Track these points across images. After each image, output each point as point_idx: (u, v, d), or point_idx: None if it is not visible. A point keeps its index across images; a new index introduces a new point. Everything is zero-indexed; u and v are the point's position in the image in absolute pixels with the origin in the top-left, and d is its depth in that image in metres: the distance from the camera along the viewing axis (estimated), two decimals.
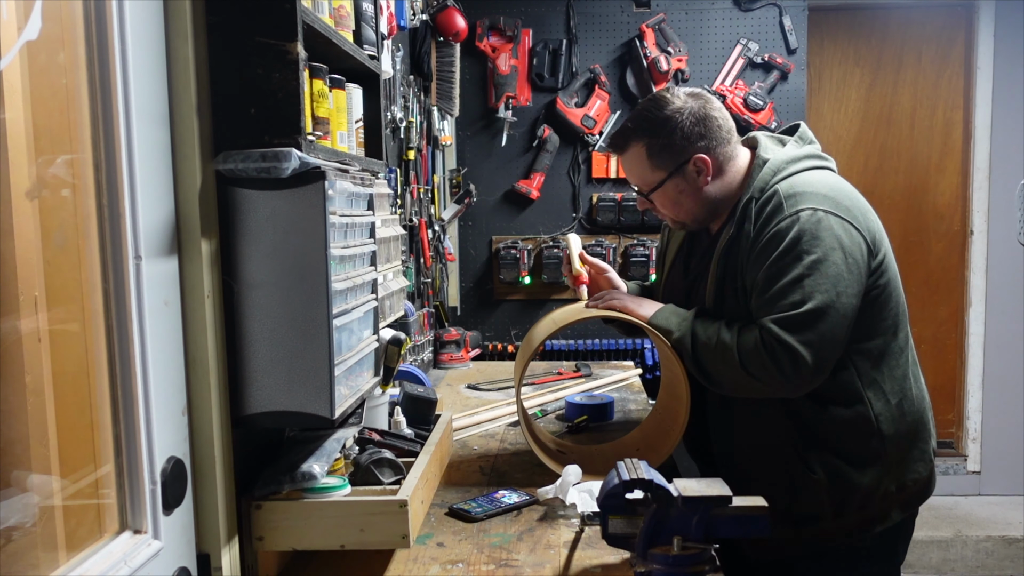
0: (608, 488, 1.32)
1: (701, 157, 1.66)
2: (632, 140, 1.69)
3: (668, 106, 1.67)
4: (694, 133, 1.65)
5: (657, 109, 1.67)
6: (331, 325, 1.25)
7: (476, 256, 3.70)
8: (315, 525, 1.33)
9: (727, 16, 3.59)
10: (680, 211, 1.72)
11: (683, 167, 1.66)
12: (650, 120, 1.67)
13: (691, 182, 1.68)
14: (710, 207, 1.71)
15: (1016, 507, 4.02)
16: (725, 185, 1.69)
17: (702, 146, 1.66)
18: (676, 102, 1.67)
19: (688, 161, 1.66)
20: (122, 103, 1.06)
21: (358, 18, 1.60)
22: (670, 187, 1.69)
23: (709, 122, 1.66)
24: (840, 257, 1.52)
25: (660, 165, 1.68)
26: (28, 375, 0.96)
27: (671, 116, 1.65)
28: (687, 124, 1.65)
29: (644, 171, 1.70)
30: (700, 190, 1.68)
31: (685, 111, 1.65)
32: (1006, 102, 4.00)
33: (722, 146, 1.68)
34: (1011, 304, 4.07)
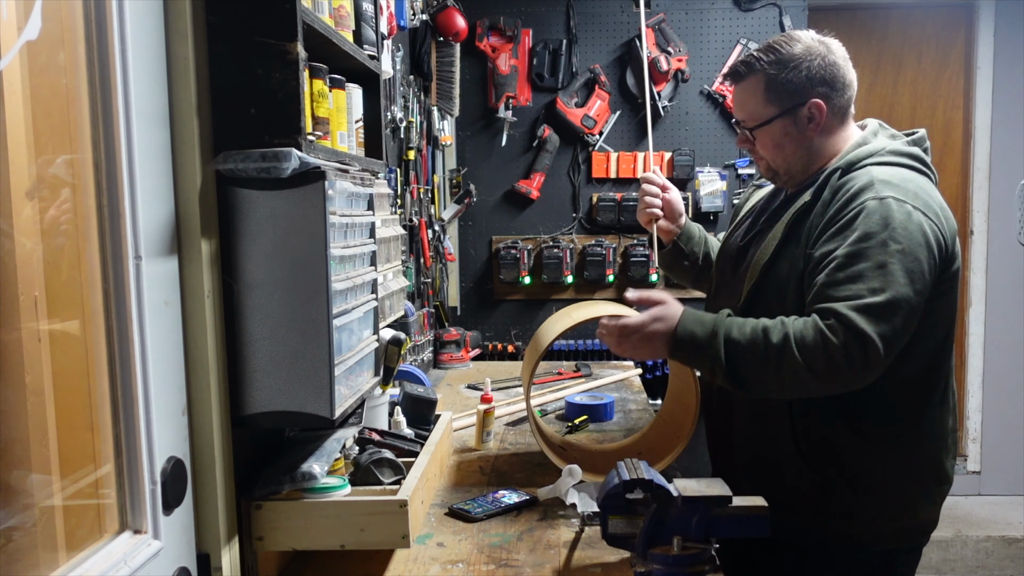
0: (608, 488, 1.32)
1: (817, 103, 1.61)
2: (754, 70, 1.64)
3: (798, 44, 1.63)
4: (818, 78, 1.61)
5: (787, 44, 1.63)
6: (331, 325, 1.25)
7: (476, 256, 3.70)
8: (315, 525, 1.33)
9: (727, 16, 3.59)
10: (779, 156, 1.66)
11: (797, 109, 1.62)
12: (777, 53, 1.63)
13: (800, 127, 1.63)
14: (808, 160, 1.65)
15: (1016, 507, 4.02)
16: (829, 144, 1.65)
17: (822, 92, 1.62)
18: (807, 42, 1.64)
19: (804, 104, 1.62)
20: (122, 103, 1.06)
21: (358, 18, 1.60)
22: (778, 127, 1.64)
23: (836, 71, 1.63)
24: (925, 255, 1.46)
25: (775, 100, 1.63)
26: (28, 375, 0.96)
27: (799, 55, 1.61)
28: (815, 66, 1.61)
29: (757, 104, 1.65)
30: (806, 138, 1.64)
31: (816, 54, 1.62)
32: (1006, 102, 4.00)
33: (840, 100, 1.64)
34: (1011, 304, 4.07)
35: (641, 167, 3.62)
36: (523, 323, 3.70)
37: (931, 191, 1.57)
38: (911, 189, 1.52)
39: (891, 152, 1.60)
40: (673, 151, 3.58)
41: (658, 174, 1.95)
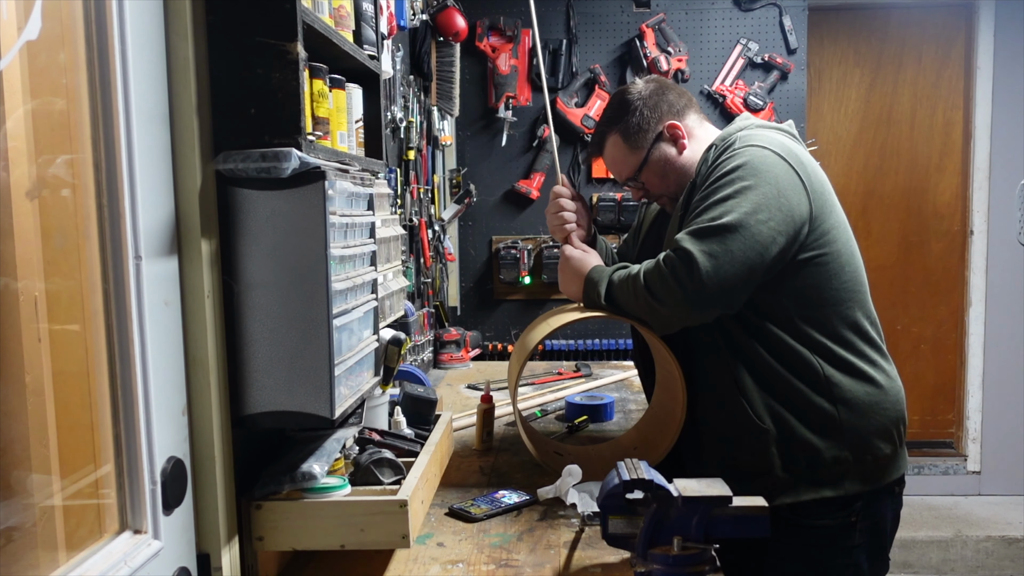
0: (608, 488, 1.32)
1: (671, 123, 1.76)
2: (606, 135, 1.81)
3: (626, 93, 1.80)
4: (656, 106, 1.77)
5: (616, 100, 1.81)
6: (331, 325, 1.25)
7: (476, 256, 3.71)
8: (315, 525, 1.33)
9: (727, 16, 3.59)
10: (669, 184, 1.79)
11: (659, 139, 1.77)
12: (614, 109, 1.80)
13: (670, 150, 1.77)
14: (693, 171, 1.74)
15: (1016, 507, 4.02)
16: (700, 148, 1.76)
17: (666, 111, 1.77)
18: (631, 89, 1.81)
19: (661, 132, 1.76)
20: (122, 103, 1.06)
21: (358, 18, 1.60)
22: (653, 162, 1.77)
23: (667, 93, 1.79)
24: (773, 191, 1.54)
25: (638, 145, 1.78)
26: (28, 375, 0.96)
27: (630, 99, 1.78)
28: (648, 100, 1.77)
29: (627, 156, 1.80)
30: (681, 157, 1.77)
31: (643, 91, 1.79)
32: (1006, 102, 4.00)
33: (687, 112, 1.80)
34: (1011, 304, 4.07)
35: None
36: (523, 323, 3.69)
37: (802, 151, 1.67)
38: (776, 139, 1.63)
39: (758, 125, 1.72)
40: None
41: (567, 184, 1.97)
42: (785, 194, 1.55)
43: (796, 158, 1.61)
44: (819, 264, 1.61)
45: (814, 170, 1.65)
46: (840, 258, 1.64)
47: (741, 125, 1.73)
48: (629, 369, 3.10)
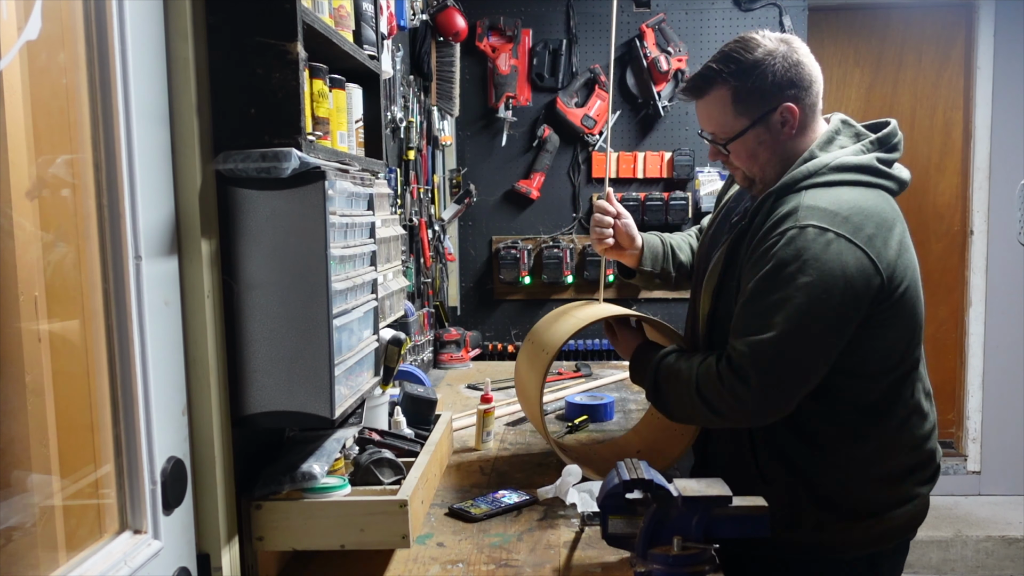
0: (608, 488, 1.32)
1: (789, 106, 1.52)
2: (716, 83, 1.54)
3: (759, 48, 1.52)
4: (785, 79, 1.51)
5: (746, 51, 1.52)
6: (331, 325, 1.25)
7: (476, 256, 3.70)
8: (315, 525, 1.33)
9: (727, 16, 3.59)
10: (755, 165, 1.58)
11: (769, 116, 1.53)
12: (738, 62, 1.52)
13: (774, 133, 1.54)
14: (784, 164, 1.56)
15: (1016, 507, 4.02)
16: (802, 145, 1.57)
17: (791, 95, 1.52)
18: (768, 44, 1.52)
19: (775, 109, 1.52)
20: (122, 103, 1.06)
21: (358, 18, 1.60)
22: (751, 137, 1.54)
23: (801, 70, 1.53)
24: (841, 286, 1.40)
25: (745, 112, 1.53)
26: (28, 375, 0.96)
27: (762, 59, 1.51)
28: (779, 69, 1.51)
29: (726, 117, 1.55)
30: (781, 143, 1.55)
31: (777, 55, 1.51)
32: (1006, 102, 4.00)
33: (810, 98, 1.55)
34: (1011, 304, 4.07)
35: (641, 167, 3.62)
36: (523, 323, 3.69)
37: (871, 210, 1.47)
38: (842, 214, 1.44)
39: (832, 169, 1.51)
40: (673, 151, 3.58)
41: (612, 200, 1.91)
42: (846, 277, 1.40)
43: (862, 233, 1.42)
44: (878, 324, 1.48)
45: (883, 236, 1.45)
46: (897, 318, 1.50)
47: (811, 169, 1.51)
48: None
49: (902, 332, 1.52)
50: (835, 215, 1.44)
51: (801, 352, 1.43)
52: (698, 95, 1.59)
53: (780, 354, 1.42)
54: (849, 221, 1.43)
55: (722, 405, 1.48)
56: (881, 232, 1.45)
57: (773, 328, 1.41)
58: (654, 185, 3.64)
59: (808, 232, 1.42)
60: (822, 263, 1.40)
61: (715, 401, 1.49)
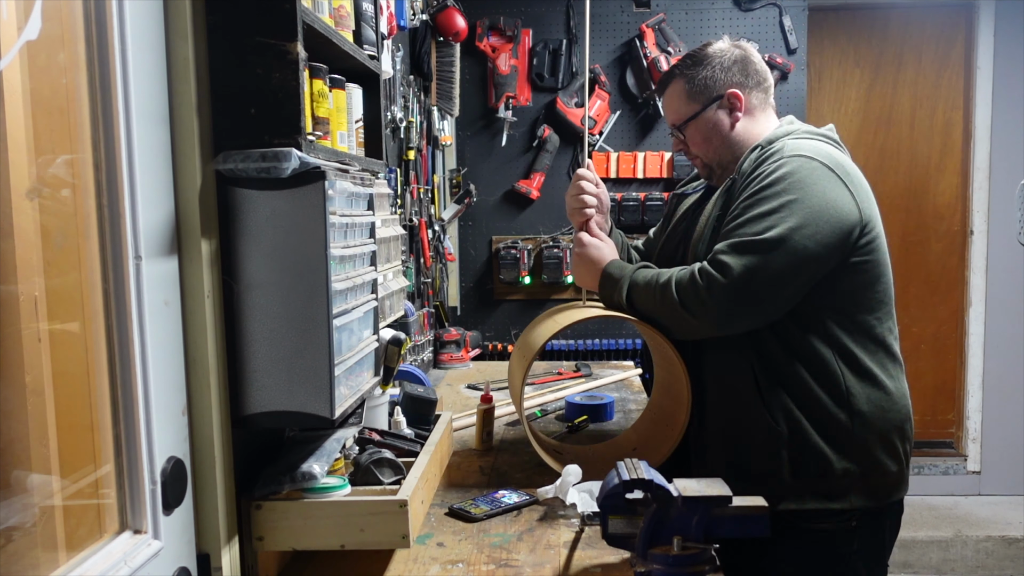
0: (608, 488, 1.32)
1: (734, 92, 1.75)
2: (674, 77, 1.80)
3: (711, 47, 1.79)
4: (731, 70, 1.76)
5: (700, 49, 1.80)
6: (331, 325, 1.25)
7: (476, 256, 3.71)
8: (315, 525, 1.33)
9: (727, 16, 3.59)
10: (709, 149, 1.78)
11: (717, 100, 1.76)
12: (692, 57, 1.79)
13: (723, 117, 1.76)
14: (736, 150, 1.75)
15: (1016, 507, 4.02)
16: (753, 133, 1.76)
17: (737, 81, 1.76)
18: (720, 44, 1.80)
19: (723, 96, 1.75)
20: (122, 103, 1.06)
21: (358, 18, 1.60)
22: (703, 120, 1.77)
23: (747, 64, 1.77)
24: (819, 203, 1.53)
25: (696, 98, 1.77)
26: (28, 375, 0.96)
27: (711, 54, 1.77)
28: (726, 61, 1.76)
29: (681, 104, 1.79)
30: (729, 127, 1.76)
31: (726, 52, 1.77)
32: (1006, 102, 4.00)
33: (757, 90, 1.78)
34: (1011, 304, 4.07)
35: (641, 167, 3.62)
36: (523, 323, 3.69)
37: (846, 160, 1.65)
38: (825, 150, 1.62)
39: (806, 132, 1.72)
40: (673, 151, 3.58)
41: (592, 169, 1.93)
42: (833, 204, 1.54)
43: (842, 168, 1.60)
44: (862, 271, 1.61)
45: (859, 179, 1.63)
46: (879, 267, 1.64)
47: (788, 130, 1.72)
48: (629, 369, 3.10)
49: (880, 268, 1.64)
50: (820, 150, 1.62)
51: (782, 260, 1.52)
52: (662, 89, 1.85)
53: (762, 256, 1.52)
54: (831, 157, 1.61)
55: (691, 300, 1.58)
56: (856, 178, 1.63)
57: (759, 234, 1.53)
58: (654, 185, 3.64)
59: (797, 159, 1.59)
60: (809, 185, 1.55)
61: (686, 296, 1.59)
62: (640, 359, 3.46)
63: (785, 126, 1.75)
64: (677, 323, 1.64)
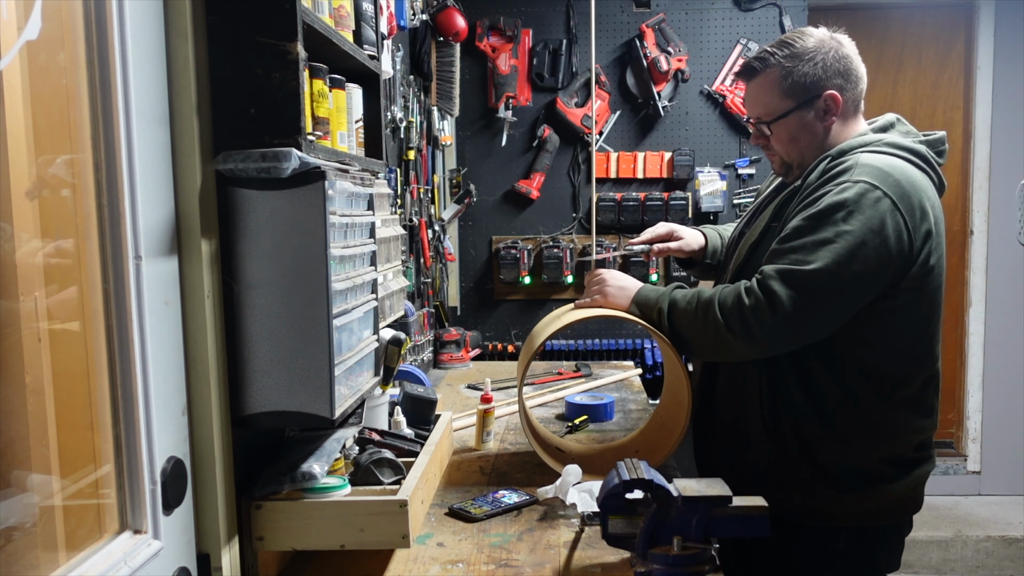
0: (608, 488, 1.32)
1: (833, 94, 1.63)
2: (769, 65, 1.65)
3: (811, 38, 1.65)
4: (832, 70, 1.63)
5: (801, 38, 1.66)
6: (331, 325, 1.25)
7: (476, 256, 3.70)
8: (315, 525, 1.33)
9: (727, 16, 3.59)
10: (794, 149, 1.68)
11: (814, 100, 1.64)
12: (792, 47, 1.64)
13: (817, 118, 1.65)
14: (822, 152, 1.66)
15: (1016, 507, 4.02)
16: (843, 137, 1.66)
17: (837, 83, 1.64)
18: (821, 35, 1.66)
19: (820, 96, 1.63)
20: (122, 103, 1.06)
21: (358, 18, 1.60)
22: (794, 119, 1.65)
23: (848, 63, 1.65)
24: (877, 243, 1.48)
25: (791, 94, 1.64)
26: (28, 375, 0.96)
27: (814, 48, 1.64)
28: (829, 58, 1.63)
29: (772, 98, 1.66)
30: (822, 131, 1.66)
31: (829, 47, 1.64)
32: (1006, 102, 4.00)
33: (853, 93, 1.66)
34: (1011, 304, 4.07)
35: (641, 167, 3.62)
36: (523, 323, 3.70)
37: (917, 184, 1.56)
38: (894, 178, 1.53)
39: (887, 144, 1.61)
40: (673, 151, 3.58)
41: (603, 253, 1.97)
42: (888, 244, 1.49)
43: (907, 201, 1.51)
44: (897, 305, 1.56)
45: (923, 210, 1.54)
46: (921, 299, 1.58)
47: (869, 140, 1.62)
48: (629, 369, 3.10)
49: (922, 311, 1.59)
50: (888, 176, 1.53)
51: (829, 291, 1.49)
52: (751, 76, 1.69)
53: (810, 287, 1.48)
54: (900, 186, 1.52)
55: (736, 322, 1.52)
56: (920, 208, 1.54)
57: (809, 264, 1.48)
58: (654, 185, 3.64)
59: (860, 186, 1.51)
60: (867, 217, 1.49)
61: (731, 318, 1.53)
62: None
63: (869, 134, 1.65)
64: (716, 342, 1.58)
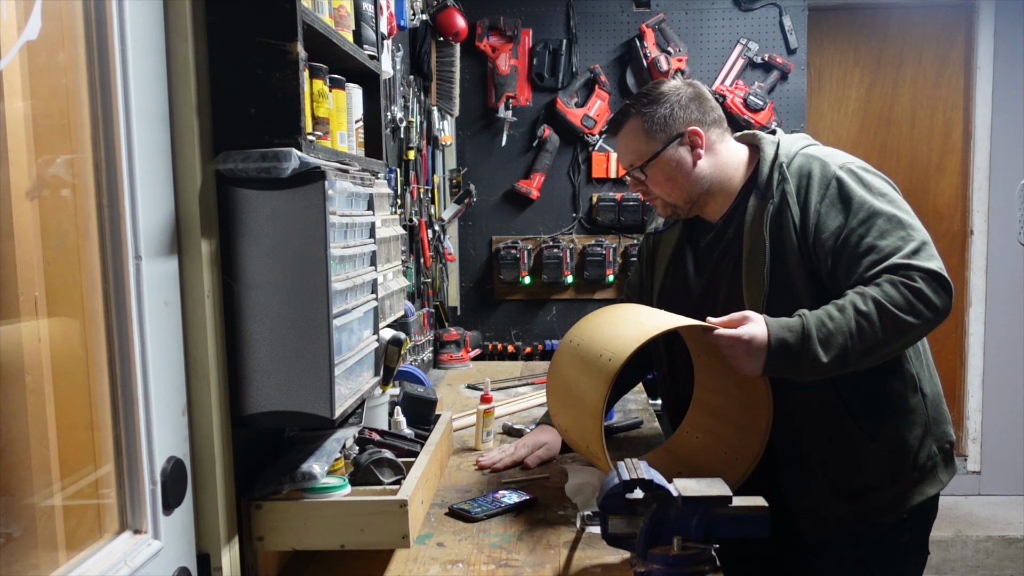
0: (608, 488, 1.32)
1: (695, 130, 1.72)
2: (630, 115, 1.76)
3: (664, 85, 1.77)
4: (689, 107, 1.74)
5: (653, 88, 1.78)
6: (331, 325, 1.25)
7: (476, 256, 3.70)
8: (315, 525, 1.33)
9: (727, 16, 3.59)
10: (673, 189, 1.75)
11: (678, 139, 1.73)
12: (647, 96, 1.76)
13: (685, 156, 1.73)
14: (703, 187, 1.74)
15: (1016, 507, 4.02)
16: (719, 167, 1.75)
17: (696, 119, 1.74)
18: (671, 83, 1.78)
19: (683, 134, 1.72)
20: (122, 103, 1.06)
21: (358, 18, 1.60)
22: (664, 160, 1.73)
23: (703, 101, 1.76)
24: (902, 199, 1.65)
25: (655, 137, 1.73)
26: (28, 375, 0.96)
27: (667, 92, 1.75)
28: (683, 99, 1.74)
29: (640, 144, 1.75)
30: (694, 166, 1.73)
31: (681, 89, 1.76)
32: (1006, 102, 4.00)
33: (715, 127, 1.76)
34: (1011, 304, 4.07)
35: None
36: (523, 323, 3.70)
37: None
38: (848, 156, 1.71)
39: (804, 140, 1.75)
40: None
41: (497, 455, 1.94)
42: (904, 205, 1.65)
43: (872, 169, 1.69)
44: None
45: None
46: None
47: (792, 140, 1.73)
48: None
49: None
50: (847, 158, 1.69)
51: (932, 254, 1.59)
52: (617, 129, 1.79)
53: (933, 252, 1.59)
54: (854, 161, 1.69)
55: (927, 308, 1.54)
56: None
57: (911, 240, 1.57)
58: None
59: (850, 169, 1.64)
60: (882, 187, 1.64)
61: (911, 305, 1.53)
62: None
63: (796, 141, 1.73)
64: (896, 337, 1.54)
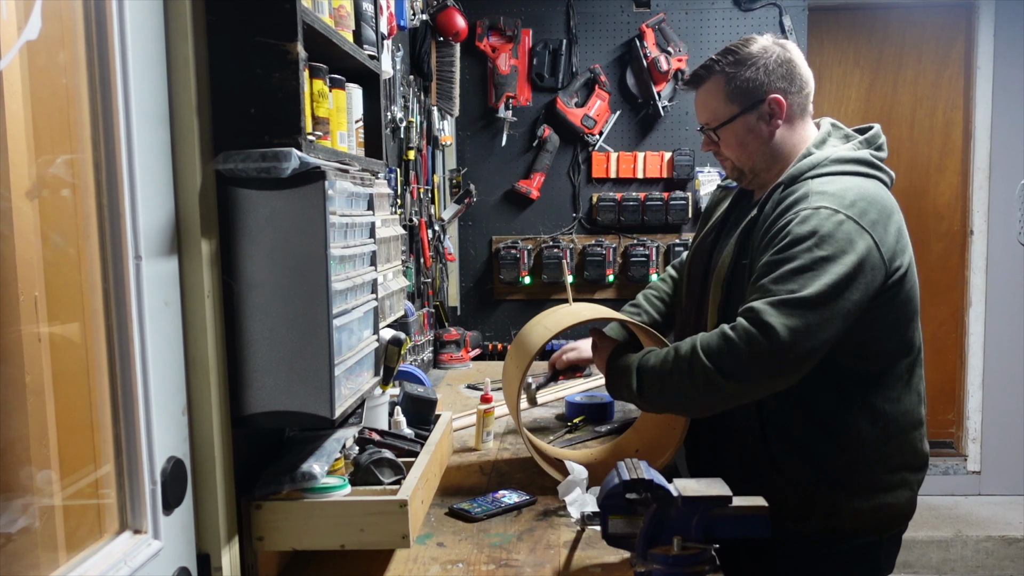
0: (608, 488, 1.32)
1: (777, 98, 1.65)
2: (713, 72, 1.68)
3: (755, 44, 1.68)
4: (776, 74, 1.65)
5: (744, 45, 1.68)
6: (331, 325, 1.25)
7: (476, 256, 3.70)
8: (315, 525, 1.33)
9: (727, 16, 3.59)
10: (743, 154, 1.69)
11: (758, 105, 1.66)
12: (734, 54, 1.67)
13: (762, 122, 1.67)
14: (771, 157, 1.68)
15: (1016, 507, 4.02)
16: (791, 141, 1.68)
17: (780, 87, 1.66)
18: (764, 42, 1.69)
19: (764, 100, 1.65)
20: (122, 103, 1.06)
21: (358, 18, 1.60)
22: (740, 124, 1.67)
23: (792, 67, 1.67)
24: (854, 264, 1.48)
25: (736, 99, 1.66)
26: (28, 375, 0.96)
27: (755, 53, 1.66)
28: (772, 63, 1.65)
29: (718, 104, 1.68)
30: (769, 134, 1.67)
31: (772, 52, 1.66)
32: (1006, 102, 4.00)
33: (799, 96, 1.68)
34: (1011, 304, 4.07)
35: (641, 167, 3.61)
36: (523, 323, 3.66)
37: (873, 197, 1.57)
38: (849, 198, 1.54)
39: (833, 161, 1.62)
40: (673, 151, 3.58)
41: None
42: (864, 265, 1.49)
43: (866, 215, 1.53)
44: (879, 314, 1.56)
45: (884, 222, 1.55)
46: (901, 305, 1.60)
47: (814, 162, 1.62)
48: None
49: (900, 315, 1.61)
50: (843, 199, 1.54)
51: (818, 316, 1.46)
52: (697, 84, 1.72)
53: (803, 315, 1.45)
54: (855, 205, 1.53)
55: (728, 363, 1.46)
56: (882, 218, 1.56)
57: (794, 292, 1.47)
58: (654, 185, 3.64)
59: (821, 212, 1.52)
60: (836, 240, 1.49)
61: (723, 360, 1.47)
62: None
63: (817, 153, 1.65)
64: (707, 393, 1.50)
